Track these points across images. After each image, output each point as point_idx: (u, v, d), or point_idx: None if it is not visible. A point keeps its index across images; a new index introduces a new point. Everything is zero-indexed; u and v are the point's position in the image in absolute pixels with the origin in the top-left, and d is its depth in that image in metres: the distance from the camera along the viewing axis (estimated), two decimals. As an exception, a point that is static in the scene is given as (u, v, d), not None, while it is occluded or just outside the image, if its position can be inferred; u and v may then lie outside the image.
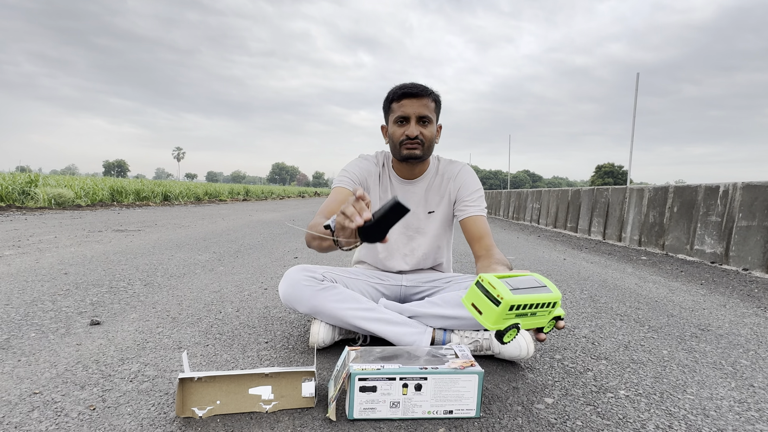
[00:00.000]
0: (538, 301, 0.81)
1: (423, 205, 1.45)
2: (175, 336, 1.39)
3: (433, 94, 1.33)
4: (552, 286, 0.84)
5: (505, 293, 0.78)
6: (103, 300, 1.80)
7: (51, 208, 8.01)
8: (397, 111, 1.31)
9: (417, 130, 1.29)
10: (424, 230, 1.47)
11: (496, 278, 0.82)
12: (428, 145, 1.33)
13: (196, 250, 3.29)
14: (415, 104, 1.29)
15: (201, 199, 15.37)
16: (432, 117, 1.32)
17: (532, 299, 0.80)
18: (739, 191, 3.42)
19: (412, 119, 1.29)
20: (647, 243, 4.52)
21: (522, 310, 0.80)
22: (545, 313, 0.84)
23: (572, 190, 6.66)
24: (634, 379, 1.19)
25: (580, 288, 2.40)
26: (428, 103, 1.31)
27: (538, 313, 0.83)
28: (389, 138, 1.37)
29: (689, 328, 1.69)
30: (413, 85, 1.31)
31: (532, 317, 0.83)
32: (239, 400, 0.93)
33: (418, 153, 1.32)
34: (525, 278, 0.85)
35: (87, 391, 1.00)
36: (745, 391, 1.13)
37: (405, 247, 1.48)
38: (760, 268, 3.11)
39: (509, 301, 0.77)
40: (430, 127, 1.32)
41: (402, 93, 1.30)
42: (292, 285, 1.25)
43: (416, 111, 1.29)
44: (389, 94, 1.35)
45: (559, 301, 0.84)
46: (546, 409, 1.00)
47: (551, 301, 0.82)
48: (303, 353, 1.28)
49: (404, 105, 1.29)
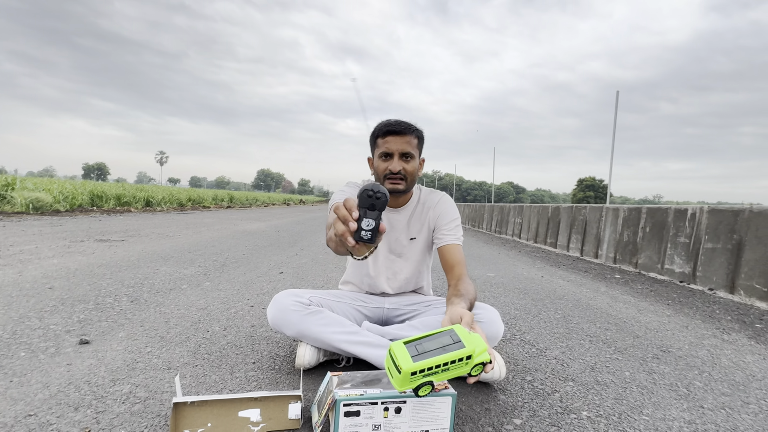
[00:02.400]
0: (444, 360, 0.88)
1: (406, 231, 1.54)
2: (164, 356, 1.44)
3: (416, 131, 1.42)
4: (469, 340, 0.90)
5: (404, 363, 0.86)
6: (91, 317, 1.83)
7: (29, 213, 7.85)
8: (382, 147, 1.40)
9: (400, 166, 1.39)
10: (407, 255, 1.56)
11: (402, 346, 0.90)
12: (411, 179, 1.43)
13: (181, 264, 3.31)
14: (399, 141, 1.38)
15: (184, 206, 15.21)
16: (414, 153, 1.41)
17: (435, 361, 0.87)
18: (705, 215, 3.61)
19: (396, 155, 1.39)
20: (622, 261, 4.70)
21: (428, 372, 0.88)
22: (461, 365, 0.90)
23: (552, 206, 6.86)
24: (597, 400, 1.28)
25: (554, 308, 2.51)
26: (411, 140, 1.40)
27: (452, 368, 0.90)
28: (374, 170, 1.47)
29: (651, 350, 1.80)
30: (397, 122, 1.41)
31: (446, 372, 0.90)
32: (229, 423, 0.99)
33: (401, 187, 1.41)
34: (440, 336, 0.92)
35: (81, 413, 1.05)
36: (695, 413, 1.24)
37: (388, 270, 1.56)
38: (723, 288, 3.29)
39: (408, 370, 0.85)
40: (413, 162, 1.42)
41: (387, 130, 1.39)
42: (281, 310, 1.32)
43: (399, 148, 1.38)
44: (375, 130, 1.44)
45: (476, 352, 0.90)
46: (514, 430, 1.08)
47: (463, 356, 0.89)
48: (289, 374, 1.35)
49: (388, 141, 1.39)
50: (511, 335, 1.91)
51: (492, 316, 1.35)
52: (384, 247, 1.55)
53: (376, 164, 1.44)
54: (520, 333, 1.95)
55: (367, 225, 0.81)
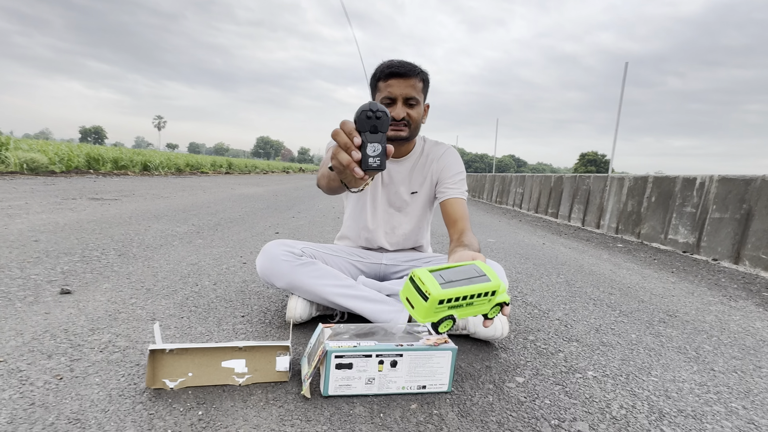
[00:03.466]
0: (472, 292, 0.81)
1: (407, 184, 1.44)
2: (149, 307, 1.37)
3: (421, 74, 1.28)
4: (493, 274, 0.84)
5: (433, 288, 0.78)
6: (75, 269, 1.75)
7: (23, 173, 7.71)
8: (384, 91, 1.26)
9: (403, 112, 1.26)
10: (407, 210, 1.47)
11: (427, 272, 0.81)
12: (414, 126, 1.31)
13: (174, 222, 3.22)
14: (402, 85, 1.25)
15: (182, 171, 15.01)
16: (419, 98, 1.28)
17: (463, 291, 0.80)
18: (715, 184, 3.50)
19: (399, 100, 1.25)
20: (624, 231, 4.62)
21: (455, 303, 0.80)
22: (484, 301, 0.84)
23: (555, 176, 6.73)
24: (603, 360, 1.22)
25: (556, 272, 2.45)
26: (415, 84, 1.26)
27: (476, 303, 0.83)
28: None
29: (658, 314, 1.74)
30: (401, 63, 1.26)
31: (469, 307, 0.83)
32: (212, 373, 0.92)
33: (404, 135, 1.29)
34: (464, 268, 0.85)
35: (54, 361, 0.98)
36: (706, 375, 1.18)
37: (387, 224, 1.47)
38: (728, 258, 3.23)
39: (437, 297, 0.77)
40: (417, 108, 1.29)
41: (389, 72, 1.25)
42: (270, 259, 1.24)
43: (403, 92, 1.25)
44: (376, 72, 1.29)
45: (500, 289, 0.84)
46: (516, 387, 1.02)
47: (488, 290, 0.82)
48: (279, 328, 1.28)
49: (391, 85, 1.25)
50: (513, 297, 1.84)
51: (496, 271, 1.27)
52: (383, 200, 1.45)
53: None
54: (522, 295, 1.88)
55: (374, 150, 0.71)
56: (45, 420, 0.76)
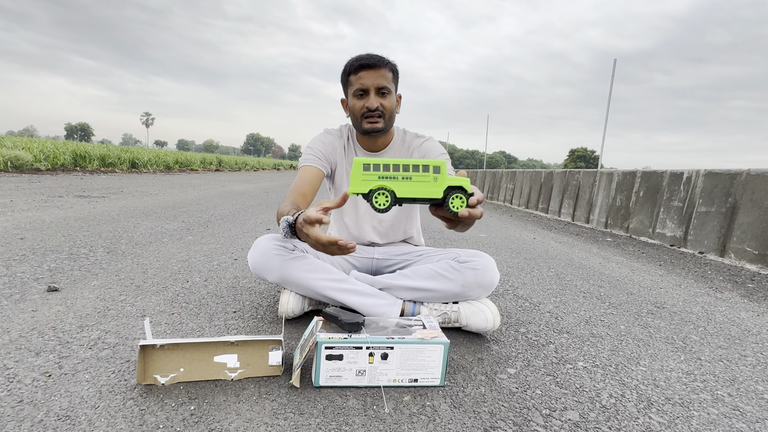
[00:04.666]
0: (403, 162, 0.77)
1: None
2: (139, 304, 1.36)
3: (390, 64, 1.30)
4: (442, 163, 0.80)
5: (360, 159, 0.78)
6: (62, 266, 1.72)
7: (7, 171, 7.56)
8: (356, 84, 1.28)
9: (377, 102, 1.28)
10: None
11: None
12: (389, 116, 1.32)
13: (164, 219, 3.19)
14: (373, 75, 1.26)
15: (171, 168, 14.85)
16: (390, 87, 1.30)
17: (393, 161, 0.77)
18: (701, 178, 3.56)
19: (371, 91, 1.27)
20: (613, 225, 4.68)
21: (384, 172, 0.77)
22: (428, 179, 0.78)
23: (545, 172, 6.78)
24: (593, 351, 1.24)
25: (547, 266, 2.47)
26: (386, 74, 1.28)
27: (416, 178, 0.78)
28: (350, 111, 1.35)
29: (646, 306, 1.77)
30: (369, 56, 1.28)
31: (407, 182, 0.78)
32: (204, 368, 0.92)
33: (380, 126, 1.31)
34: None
35: (42, 358, 0.97)
36: (693, 364, 1.20)
37: (373, 218, 1.47)
38: (714, 251, 3.28)
39: (359, 161, 0.76)
40: (390, 97, 1.30)
41: (359, 65, 1.27)
42: (262, 253, 1.23)
43: (374, 82, 1.26)
44: (346, 67, 1.31)
45: (444, 167, 0.79)
46: (508, 378, 1.03)
47: (427, 164, 0.78)
48: (272, 323, 1.27)
49: (362, 77, 1.27)
50: (504, 290, 1.85)
51: (487, 264, 1.27)
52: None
53: (351, 104, 1.32)
54: (513, 288, 1.90)
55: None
56: (34, 417, 0.75)
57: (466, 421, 0.84)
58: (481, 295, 1.28)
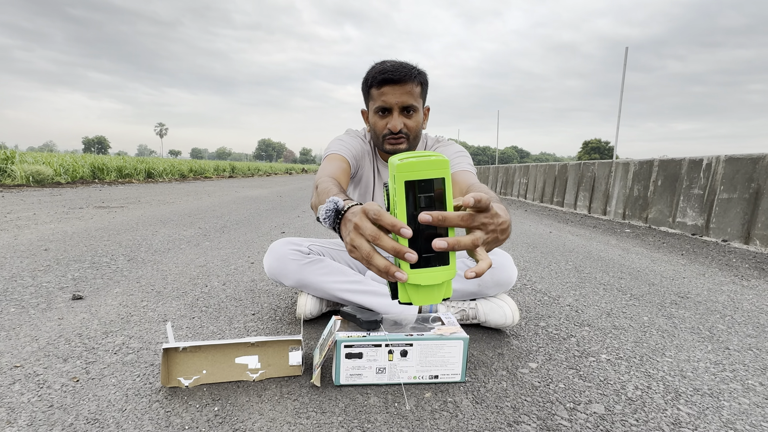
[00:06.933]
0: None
1: None
2: (160, 309, 1.38)
3: (419, 76, 1.16)
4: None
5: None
6: (86, 275, 1.77)
7: (29, 186, 7.78)
8: (378, 100, 1.15)
9: (401, 123, 1.15)
10: None
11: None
12: (414, 136, 1.20)
13: (181, 226, 3.24)
14: (398, 92, 1.13)
15: (186, 176, 15.09)
16: (417, 104, 1.16)
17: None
18: (722, 164, 3.46)
19: (395, 110, 1.15)
20: (631, 216, 4.59)
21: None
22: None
23: (559, 164, 6.69)
24: (616, 344, 1.21)
25: (565, 259, 2.43)
26: (412, 89, 1.14)
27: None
28: (371, 127, 1.23)
29: (669, 296, 1.73)
30: (394, 67, 1.13)
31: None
32: (226, 370, 0.93)
33: (403, 147, 1.19)
34: None
35: (70, 364, 0.99)
36: (721, 354, 1.17)
37: None
38: (738, 239, 3.19)
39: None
40: (416, 116, 1.18)
41: (382, 78, 1.13)
42: (278, 258, 1.24)
43: (399, 100, 1.13)
44: (368, 77, 1.18)
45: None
46: (530, 373, 1.02)
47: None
48: (290, 324, 1.28)
49: (385, 93, 1.14)
50: (522, 285, 1.83)
51: (504, 261, 1.26)
52: (385, 205, 1.44)
53: (373, 121, 1.20)
54: (531, 283, 1.88)
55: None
56: (64, 421, 0.77)
57: (489, 417, 0.83)
58: (499, 292, 1.26)
